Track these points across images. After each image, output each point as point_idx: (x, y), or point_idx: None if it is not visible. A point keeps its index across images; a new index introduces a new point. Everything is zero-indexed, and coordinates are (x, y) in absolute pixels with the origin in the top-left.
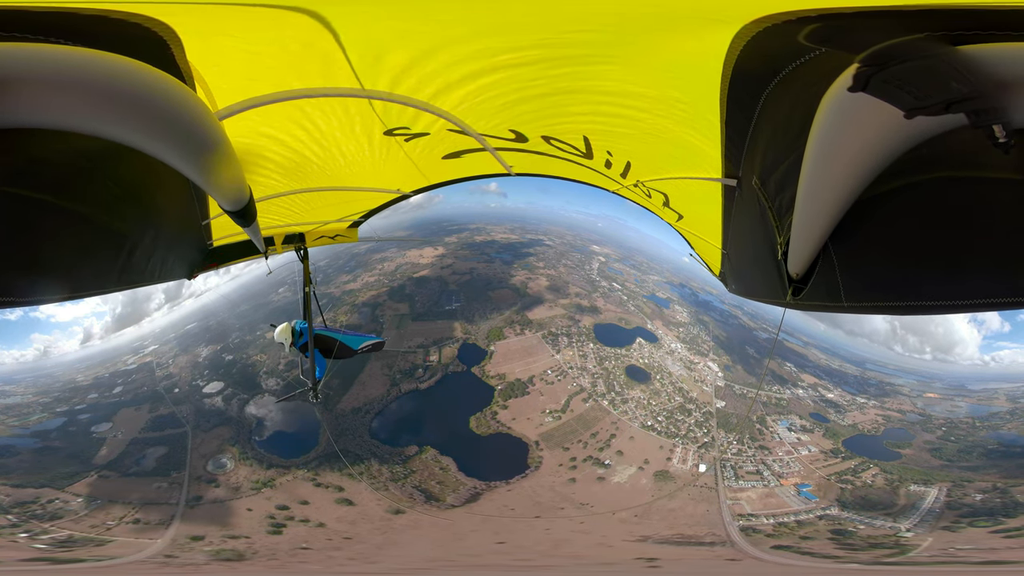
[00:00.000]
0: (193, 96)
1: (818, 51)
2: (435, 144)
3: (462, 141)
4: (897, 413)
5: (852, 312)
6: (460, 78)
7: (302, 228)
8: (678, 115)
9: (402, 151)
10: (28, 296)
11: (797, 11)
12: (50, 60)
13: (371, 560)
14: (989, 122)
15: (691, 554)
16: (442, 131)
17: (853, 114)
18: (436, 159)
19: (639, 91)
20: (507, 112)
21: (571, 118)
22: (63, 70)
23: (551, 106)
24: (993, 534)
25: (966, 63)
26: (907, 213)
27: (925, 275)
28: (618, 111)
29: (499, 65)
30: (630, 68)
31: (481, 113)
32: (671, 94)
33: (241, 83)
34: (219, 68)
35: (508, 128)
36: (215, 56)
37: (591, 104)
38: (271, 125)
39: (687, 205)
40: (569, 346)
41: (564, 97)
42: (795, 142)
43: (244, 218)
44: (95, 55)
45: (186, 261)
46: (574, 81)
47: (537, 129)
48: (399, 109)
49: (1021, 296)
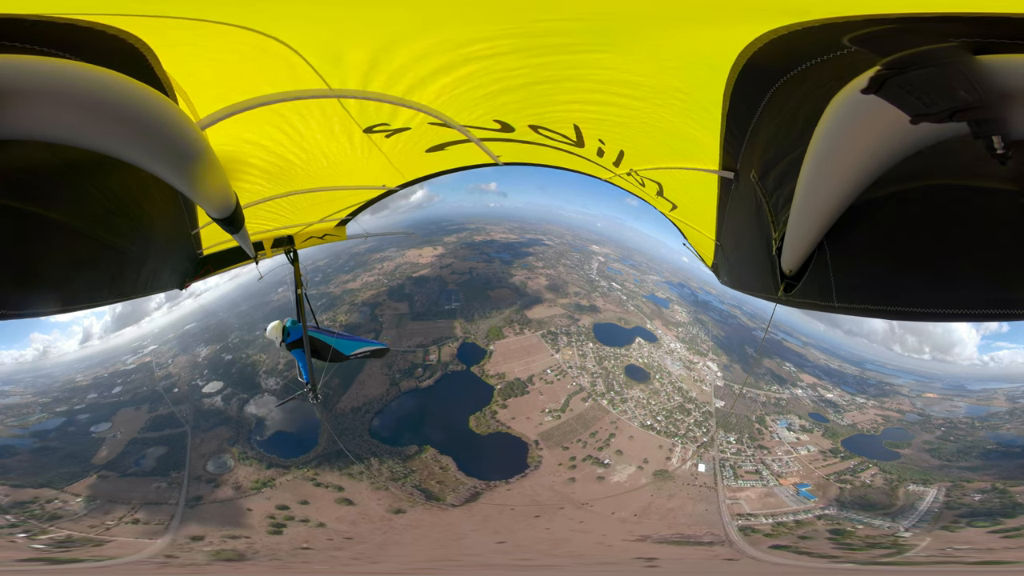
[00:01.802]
0: (174, 107)
1: (837, 52)
2: (417, 138)
3: (445, 133)
4: (896, 413)
5: (842, 312)
6: (432, 72)
7: (290, 231)
8: (676, 105)
9: (384, 147)
10: (21, 309)
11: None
12: (35, 73)
13: (375, 560)
14: (990, 132)
15: (689, 553)
16: (423, 125)
17: (862, 115)
18: (420, 153)
19: (635, 80)
20: (490, 102)
21: (560, 107)
22: (48, 83)
23: (537, 95)
24: (991, 534)
25: (976, 73)
26: (903, 218)
27: (917, 281)
28: (611, 99)
29: (470, 56)
30: (626, 57)
31: (462, 105)
32: (670, 83)
33: (217, 91)
34: (194, 78)
35: (493, 119)
36: (188, 66)
37: (581, 93)
38: (252, 131)
39: (681, 195)
40: (568, 345)
41: (551, 86)
42: (799, 139)
43: (232, 225)
44: (78, 67)
45: (177, 271)
46: (560, 70)
47: (524, 119)
48: (375, 106)
49: (1011, 309)
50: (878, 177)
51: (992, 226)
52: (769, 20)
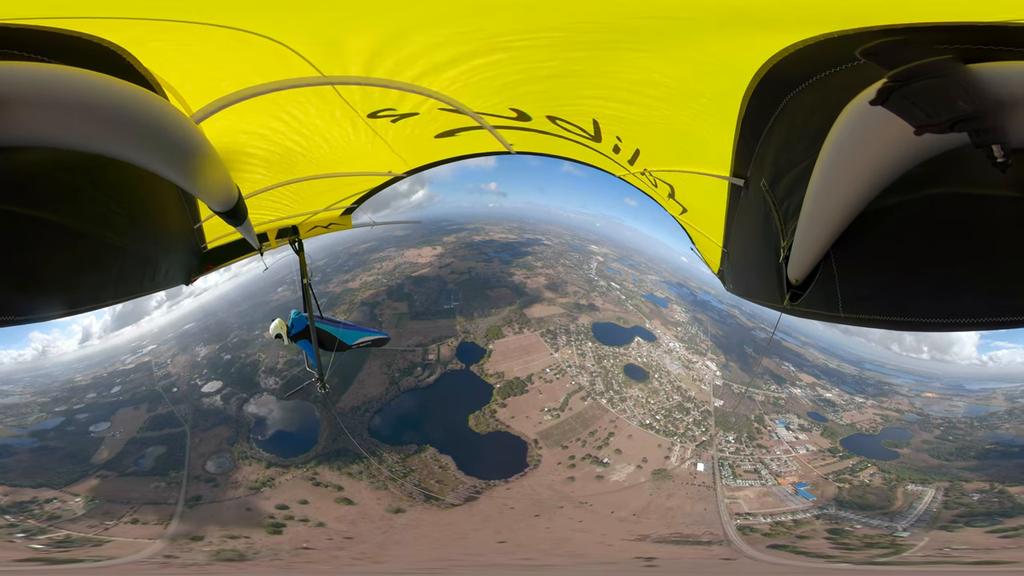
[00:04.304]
0: (167, 103)
1: (850, 64)
2: (426, 123)
3: (457, 119)
4: (895, 413)
5: (848, 323)
6: (450, 59)
7: (295, 220)
8: (697, 109)
9: (390, 132)
10: (26, 314)
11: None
12: (24, 78)
13: (377, 560)
14: (989, 141)
15: (687, 553)
16: (432, 110)
17: (869, 126)
18: (428, 138)
19: (664, 81)
20: (509, 91)
21: (582, 101)
22: (37, 88)
23: (561, 87)
24: (990, 534)
25: (972, 82)
26: (908, 228)
27: (923, 291)
28: (635, 98)
29: (500, 46)
30: (661, 58)
31: (478, 92)
32: (695, 87)
33: (206, 85)
34: (178, 73)
35: (509, 107)
36: (169, 62)
37: (606, 89)
38: (248, 121)
39: (692, 199)
40: (568, 345)
41: (578, 80)
42: (810, 148)
43: (235, 217)
44: (65, 71)
45: (182, 266)
46: (593, 65)
47: (543, 109)
48: (380, 91)
49: (1018, 316)
50: (885, 187)
51: (995, 234)
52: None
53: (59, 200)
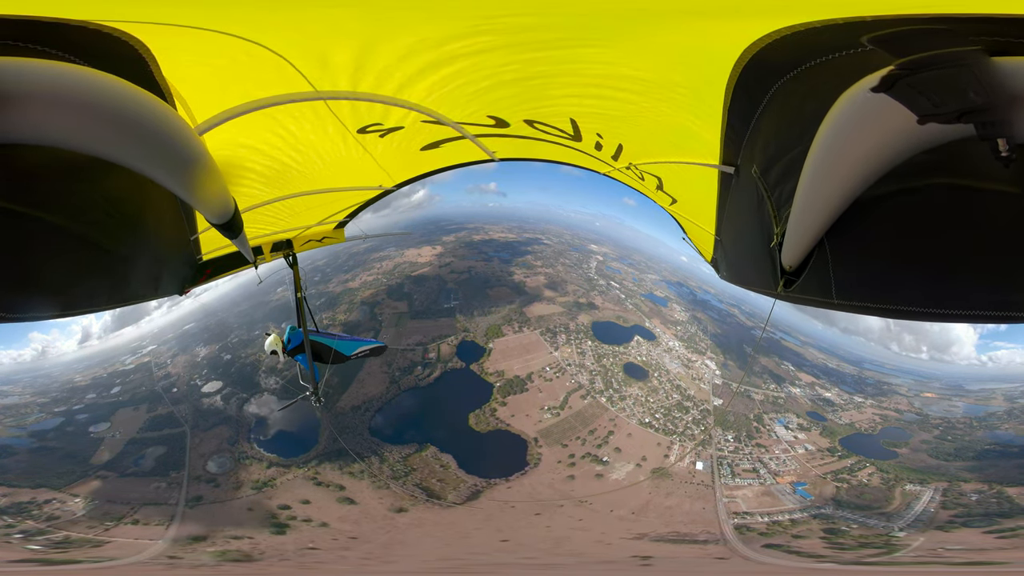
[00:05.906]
0: (173, 113)
1: (850, 51)
2: (412, 136)
3: (440, 131)
4: (894, 412)
5: (841, 309)
6: (419, 70)
7: (289, 234)
8: (677, 99)
9: (379, 147)
10: (20, 313)
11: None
12: (35, 76)
13: (386, 560)
14: (996, 135)
15: (684, 552)
16: (416, 123)
17: (870, 113)
18: (415, 151)
19: (635, 74)
20: (482, 98)
21: (555, 101)
22: (48, 86)
23: (530, 90)
24: (986, 534)
25: (989, 75)
26: (904, 217)
27: (916, 280)
28: (610, 94)
29: (454, 54)
30: (625, 52)
31: (455, 101)
32: (672, 78)
33: (213, 97)
34: (190, 83)
35: (486, 114)
36: (185, 71)
37: (577, 87)
38: (247, 135)
39: (681, 189)
40: (567, 343)
41: (544, 80)
42: (803, 135)
43: (231, 230)
44: (79, 71)
45: (177, 276)
46: (552, 65)
47: (519, 113)
48: (367, 106)
49: (1010, 311)
50: (882, 175)
51: (993, 228)
52: (785, 17)
53: (59, 202)
